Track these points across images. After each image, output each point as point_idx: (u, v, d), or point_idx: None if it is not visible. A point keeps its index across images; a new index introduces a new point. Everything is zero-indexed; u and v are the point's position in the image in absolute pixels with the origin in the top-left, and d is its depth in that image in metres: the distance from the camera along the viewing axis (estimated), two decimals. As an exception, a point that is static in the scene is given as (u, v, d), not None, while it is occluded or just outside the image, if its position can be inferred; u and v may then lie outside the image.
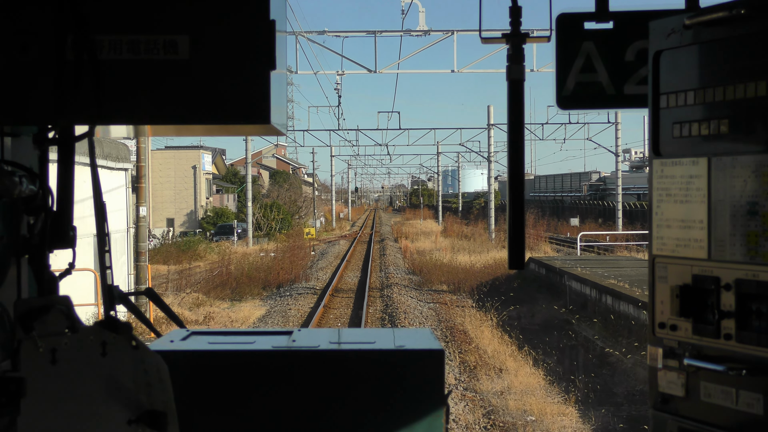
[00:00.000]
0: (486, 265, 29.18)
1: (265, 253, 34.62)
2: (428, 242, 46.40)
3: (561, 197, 74.49)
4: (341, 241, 50.71)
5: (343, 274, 29.64)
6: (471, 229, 52.07)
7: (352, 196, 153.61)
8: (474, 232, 51.61)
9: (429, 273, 28.04)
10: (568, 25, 3.02)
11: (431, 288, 25.75)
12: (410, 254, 37.72)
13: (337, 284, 26.43)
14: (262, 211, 55.41)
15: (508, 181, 3.14)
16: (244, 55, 1.76)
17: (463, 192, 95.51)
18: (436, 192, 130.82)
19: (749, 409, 1.79)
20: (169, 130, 2.13)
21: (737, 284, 1.81)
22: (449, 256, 34.01)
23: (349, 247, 44.25)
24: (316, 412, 2.50)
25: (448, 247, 41.86)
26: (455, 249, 38.85)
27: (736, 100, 1.82)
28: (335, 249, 43.08)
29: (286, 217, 57.93)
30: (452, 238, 47.83)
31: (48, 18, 1.74)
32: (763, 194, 1.76)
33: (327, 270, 31.53)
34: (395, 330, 2.88)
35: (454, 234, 52.12)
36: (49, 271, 1.87)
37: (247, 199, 45.94)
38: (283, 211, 57.81)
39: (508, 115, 3.08)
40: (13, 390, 1.73)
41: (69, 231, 1.89)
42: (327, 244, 49.40)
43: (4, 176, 1.78)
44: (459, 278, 25.84)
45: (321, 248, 44.79)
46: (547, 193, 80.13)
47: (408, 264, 33.21)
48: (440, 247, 41.82)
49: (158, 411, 1.80)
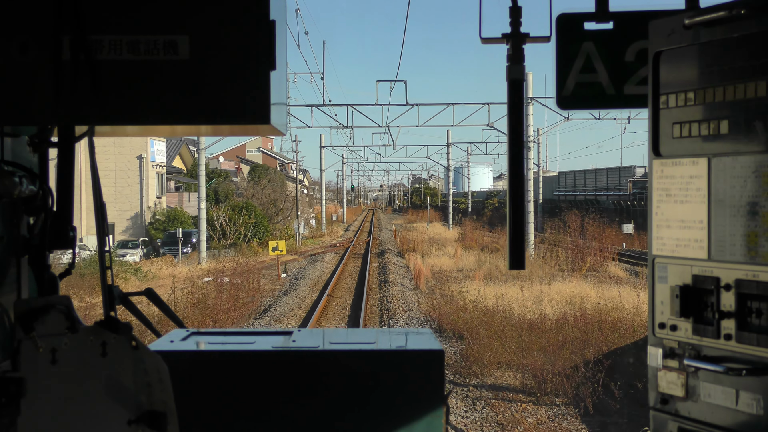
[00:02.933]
0: (563, 312, 16.88)
1: (214, 277, 22.56)
2: (445, 258, 34.16)
3: (595, 196, 62.30)
4: (328, 255, 38.40)
5: (318, 330, 17.18)
6: (496, 237, 39.80)
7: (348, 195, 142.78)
8: (500, 240, 39.35)
9: (470, 337, 14.55)
10: (568, 26, 3.02)
11: (484, 380, 12.39)
12: (426, 283, 25.42)
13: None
14: (228, 213, 43.25)
15: (508, 181, 3.12)
16: (244, 55, 1.76)
17: (472, 191, 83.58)
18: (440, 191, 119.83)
19: (749, 410, 1.81)
20: (169, 130, 2.11)
21: (737, 284, 1.83)
22: (487, 288, 21.82)
23: (336, 266, 31.99)
24: (316, 412, 2.51)
25: (474, 265, 29.67)
26: (490, 273, 26.53)
27: (736, 100, 1.84)
28: (316, 270, 30.72)
29: (261, 222, 45.76)
30: (475, 251, 35.59)
31: (47, 19, 1.74)
32: (763, 194, 1.78)
33: (291, 317, 19.18)
34: (395, 330, 2.93)
35: (475, 243, 39.75)
36: (49, 271, 1.91)
37: (200, 199, 33.75)
38: (257, 213, 45.68)
39: (508, 115, 3.07)
40: (13, 390, 1.76)
41: (69, 231, 1.93)
42: (308, 259, 36.98)
43: (4, 176, 1.81)
44: (530, 349, 13.24)
45: (297, 267, 32.50)
46: (575, 192, 67.92)
47: (426, 305, 20.67)
48: (465, 267, 29.63)
49: (158, 411, 1.82)
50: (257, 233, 46.08)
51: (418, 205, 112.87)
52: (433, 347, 2.60)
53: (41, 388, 1.80)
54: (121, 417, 1.81)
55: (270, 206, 52.46)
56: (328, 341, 2.72)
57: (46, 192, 1.92)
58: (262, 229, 46.40)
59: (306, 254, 39.93)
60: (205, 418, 2.50)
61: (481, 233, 42.80)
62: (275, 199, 53.23)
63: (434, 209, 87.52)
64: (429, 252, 37.19)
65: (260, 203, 52.13)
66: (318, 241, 53.36)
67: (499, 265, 29.98)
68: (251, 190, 53.30)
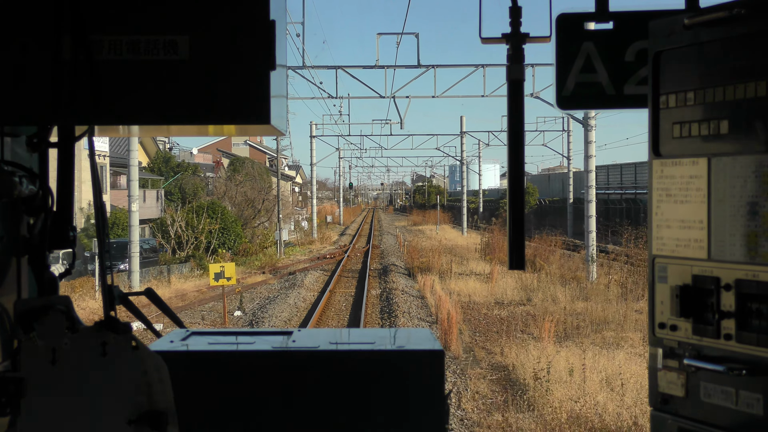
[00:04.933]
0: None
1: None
2: (474, 281, 24.49)
3: (635, 195, 52.63)
4: (311, 274, 28.60)
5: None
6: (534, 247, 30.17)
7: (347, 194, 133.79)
8: (541, 251, 29.88)
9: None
10: (568, 26, 2.99)
11: None
12: (459, 333, 15.78)
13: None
14: (187, 216, 33.57)
15: (508, 181, 3.07)
16: (244, 56, 1.76)
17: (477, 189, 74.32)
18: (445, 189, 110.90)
19: (749, 410, 1.81)
20: (169, 130, 2.11)
21: (737, 284, 1.83)
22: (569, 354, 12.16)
23: (319, 297, 22.26)
24: (316, 412, 2.50)
25: (519, 294, 20.40)
26: (558, 317, 16.88)
27: (736, 100, 1.84)
28: (288, 304, 20.85)
29: (231, 227, 36.09)
30: (513, 272, 25.88)
31: (47, 18, 1.73)
32: (763, 194, 1.78)
33: None
34: (395, 330, 2.89)
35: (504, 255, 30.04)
36: (49, 271, 1.90)
37: (130, 198, 24.23)
38: (226, 216, 35.96)
39: (508, 115, 3.02)
40: (13, 390, 1.76)
41: (69, 231, 1.92)
42: (283, 281, 27.26)
43: (4, 176, 1.81)
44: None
45: (262, 297, 22.80)
46: (609, 190, 58.08)
47: (474, 405, 10.97)
48: (506, 298, 20.29)
49: (158, 411, 1.82)
50: (227, 241, 36.33)
51: (421, 204, 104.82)
52: (433, 347, 2.57)
53: (41, 388, 1.80)
54: (121, 417, 1.81)
55: (246, 207, 42.69)
56: (328, 341, 2.68)
57: (46, 192, 1.92)
58: (234, 236, 36.65)
59: (283, 272, 30.07)
60: (205, 418, 2.48)
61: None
62: (253, 198, 43.44)
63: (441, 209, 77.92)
64: (448, 270, 27.41)
65: (235, 203, 42.36)
66: (305, 249, 43.61)
67: (562, 297, 20.23)
68: (223, 187, 43.49)
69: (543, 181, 74.93)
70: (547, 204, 67.07)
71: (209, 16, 1.74)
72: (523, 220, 3.01)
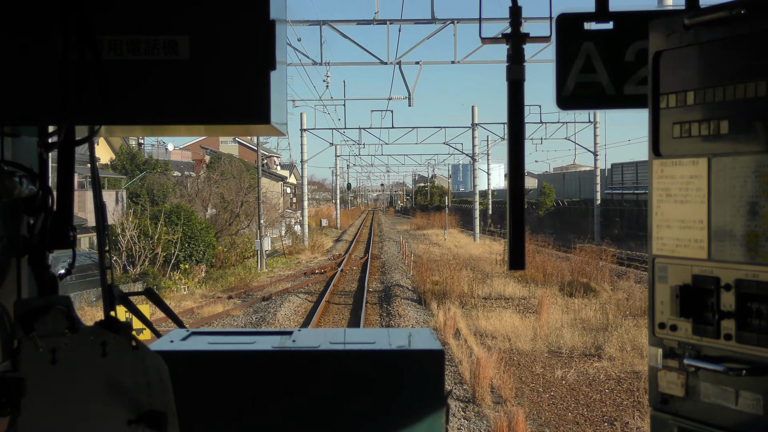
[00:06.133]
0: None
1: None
2: (510, 315, 18.07)
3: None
4: (290, 301, 22.05)
5: None
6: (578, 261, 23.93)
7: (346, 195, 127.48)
8: (587, 270, 23.81)
9: None
10: (568, 26, 2.99)
11: None
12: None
13: None
14: (142, 224, 27.29)
15: (508, 181, 3.08)
16: (244, 55, 1.76)
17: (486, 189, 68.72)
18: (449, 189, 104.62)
19: (749, 410, 1.80)
20: (169, 130, 2.11)
21: (737, 284, 1.82)
22: None
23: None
24: (316, 412, 2.49)
25: (583, 339, 13.73)
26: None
27: (736, 100, 1.84)
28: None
29: (200, 235, 29.73)
30: (545, 286, 19.93)
31: (48, 18, 1.73)
32: (763, 194, 1.78)
33: None
34: (395, 330, 2.87)
35: (541, 274, 23.95)
36: (49, 271, 1.90)
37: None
38: (194, 223, 29.58)
39: (508, 115, 3.02)
40: (13, 390, 1.75)
41: (69, 231, 1.92)
42: (247, 314, 20.57)
43: (4, 176, 1.80)
44: None
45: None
46: (638, 189, 51.56)
47: None
48: (569, 348, 13.77)
49: (158, 411, 1.82)
50: (194, 253, 29.89)
51: (424, 206, 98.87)
52: (433, 347, 2.56)
53: (41, 388, 1.80)
54: (121, 417, 1.81)
55: (222, 210, 36.21)
56: (328, 341, 2.68)
57: (46, 192, 1.92)
58: (203, 247, 30.20)
59: (256, 296, 23.52)
60: (205, 417, 2.47)
61: (552, 260, 26.36)
62: (230, 199, 36.96)
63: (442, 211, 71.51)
64: (470, 294, 20.97)
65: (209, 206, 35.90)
66: (292, 261, 36.99)
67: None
68: (195, 188, 36.99)
69: (558, 181, 68.49)
70: (565, 205, 60.73)
71: (209, 16, 1.75)
72: (524, 220, 3.01)
